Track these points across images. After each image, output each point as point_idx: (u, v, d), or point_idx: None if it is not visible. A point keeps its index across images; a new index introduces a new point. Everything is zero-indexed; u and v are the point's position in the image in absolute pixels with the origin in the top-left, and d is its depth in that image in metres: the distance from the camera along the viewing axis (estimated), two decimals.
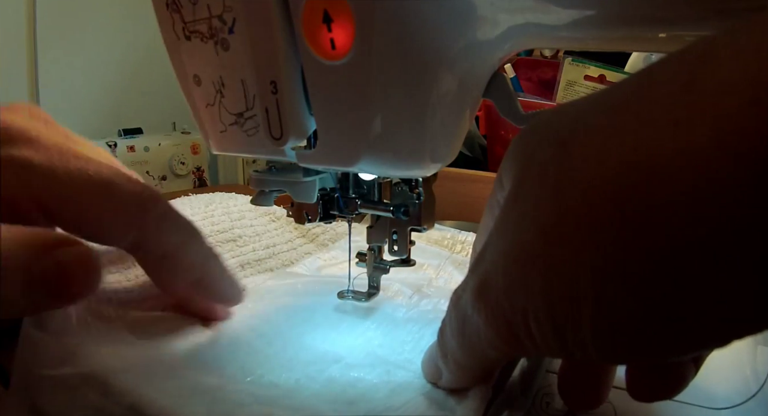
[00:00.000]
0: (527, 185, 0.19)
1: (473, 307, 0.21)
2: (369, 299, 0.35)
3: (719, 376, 0.30)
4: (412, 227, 0.32)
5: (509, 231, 0.19)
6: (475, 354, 0.23)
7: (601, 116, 0.17)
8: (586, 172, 0.16)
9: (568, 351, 0.18)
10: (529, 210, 0.18)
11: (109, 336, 0.28)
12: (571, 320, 0.17)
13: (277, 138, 0.26)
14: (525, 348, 0.19)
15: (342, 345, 0.31)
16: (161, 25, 0.29)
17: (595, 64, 0.70)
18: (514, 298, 0.19)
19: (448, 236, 0.47)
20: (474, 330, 0.21)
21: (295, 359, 0.29)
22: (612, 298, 0.16)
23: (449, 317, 0.24)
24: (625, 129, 0.16)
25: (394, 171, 0.28)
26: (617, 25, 0.24)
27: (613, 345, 0.17)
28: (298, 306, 0.35)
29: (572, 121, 0.18)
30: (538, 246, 0.17)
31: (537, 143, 0.19)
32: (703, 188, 0.14)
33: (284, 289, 0.37)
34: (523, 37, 0.26)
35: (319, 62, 0.24)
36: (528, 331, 0.18)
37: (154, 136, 1.37)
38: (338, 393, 0.26)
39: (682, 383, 0.23)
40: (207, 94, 0.28)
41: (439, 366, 0.26)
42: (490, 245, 0.21)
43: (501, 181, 0.23)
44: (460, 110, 0.27)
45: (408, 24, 0.22)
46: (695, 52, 0.15)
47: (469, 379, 0.25)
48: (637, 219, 0.15)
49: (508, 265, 0.19)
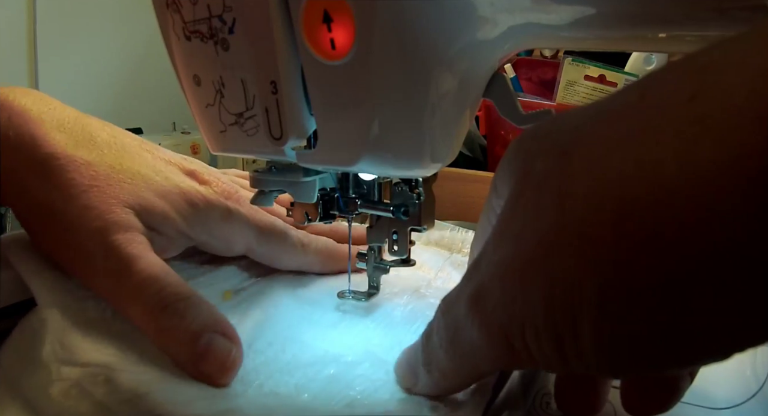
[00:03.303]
0: (527, 196, 0.19)
1: (467, 317, 0.20)
2: (369, 299, 0.35)
3: (719, 376, 0.30)
4: (412, 227, 0.32)
5: (507, 241, 0.19)
6: (465, 365, 0.22)
7: (603, 126, 0.17)
8: (588, 184, 0.16)
9: (566, 363, 0.17)
10: (529, 221, 0.18)
11: (112, 333, 0.28)
12: (572, 330, 0.17)
13: (277, 138, 0.26)
14: (520, 360, 0.19)
15: (341, 345, 0.31)
16: (161, 25, 0.29)
17: (595, 64, 0.70)
18: (512, 308, 0.18)
19: (447, 236, 0.47)
20: (466, 340, 0.21)
21: (294, 360, 0.29)
22: (614, 309, 0.16)
23: (438, 325, 0.23)
24: (627, 141, 0.16)
25: (394, 171, 0.28)
26: (617, 25, 0.24)
27: (613, 356, 0.16)
28: (298, 306, 0.35)
29: (573, 130, 0.18)
30: (538, 257, 0.17)
31: (537, 152, 0.19)
32: (705, 205, 0.14)
33: (284, 289, 0.37)
34: (523, 37, 0.26)
35: (319, 62, 0.24)
36: (524, 342, 0.18)
37: (154, 136, 1.37)
38: (338, 394, 0.26)
39: (676, 396, 0.23)
40: (207, 94, 0.28)
41: (417, 372, 0.25)
42: (486, 255, 0.20)
43: (496, 187, 0.23)
44: (460, 110, 0.27)
45: (408, 24, 0.22)
46: (698, 63, 0.15)
47: (448, 389, 0.25)
48: (639, 234, 0.15)
49: (506, 275, 0.19)
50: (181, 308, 0.28)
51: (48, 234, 0.31)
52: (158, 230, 0.32)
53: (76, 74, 1.39)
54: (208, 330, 0.27)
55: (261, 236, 0.37)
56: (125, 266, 0.29)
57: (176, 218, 0.33)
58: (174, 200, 0.33)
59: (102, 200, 0.30)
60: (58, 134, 0.32)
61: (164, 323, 0.27)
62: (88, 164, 0.31)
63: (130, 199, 0.31)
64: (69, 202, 0.30)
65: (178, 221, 0.33)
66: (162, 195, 0.33)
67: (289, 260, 0.38)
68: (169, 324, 0.27)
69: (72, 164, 0.31)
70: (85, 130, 0.33)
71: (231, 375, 0.27)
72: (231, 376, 0.27)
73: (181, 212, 0.33)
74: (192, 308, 0.28)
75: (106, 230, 0.29)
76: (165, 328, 0.27)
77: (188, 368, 0.26)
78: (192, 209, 0.34)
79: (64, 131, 0.32)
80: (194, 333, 0.27)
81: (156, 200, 0.32)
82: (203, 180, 0.37)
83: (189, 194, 0.34)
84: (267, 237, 0.37)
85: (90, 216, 0.30)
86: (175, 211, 0.33)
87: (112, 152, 0.33)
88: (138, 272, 0.29)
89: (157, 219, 0.32)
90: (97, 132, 0.34)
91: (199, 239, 0.35)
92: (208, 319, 0.28)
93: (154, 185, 0.33)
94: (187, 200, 0.34)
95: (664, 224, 0.14)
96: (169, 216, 0.33)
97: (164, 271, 0.29)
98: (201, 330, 0.27)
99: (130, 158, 0.34)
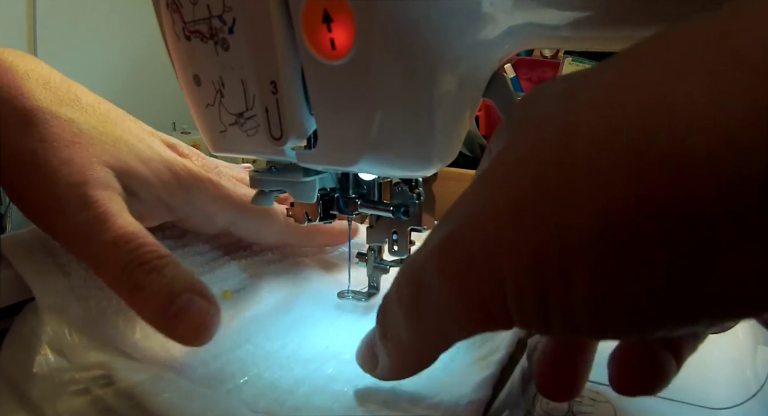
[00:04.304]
0: (521, 138, 0.17)
1: (433, 270, 0.18)
2: (369, 299, 0.35)
3: (719, 376, 0.30)
4: (412, 227, 0.32)
5: (492, 184, 0.17)
6: (428, 330, 0.19)
7: (616, 67, 0.15)
8: (598, 117, 0.14)
9: (547, 321, 0.15)
10: (524, 159, 0.16)
11: (112, 333, 0.28)
12: (562, 281, 0.15)
13: (277, 138, 0.26)
14: (494, 319, 0.17)
15: (340, 343, 0.31)
16: (161, 25, 0.29)
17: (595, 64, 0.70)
18: (491, 257, 0.16)
19: None
20: (430, 299, 0.18)
21: (294, 355, 0.29)
22: (617, 255, 0.14)
23: (397, 286, 0.20)
24: (647, 78, 0.14)
25: (394, 171, 0.28)
26: (617, 25, 0.24)
27: (605, 311, 0.15)
28: (297, 306, 0.35)
29: (581, 77, 0.17)
30: (532, 198, 0.15)
31: (540, 100, 0.17)
32: (736, 140, 0.12)
33: (285, 289, 0.37)
34: (523, 37, 0.26)
35: (319, 62, 0.24)
36: (502, 297, 0.16)
37: None
38: (337, 392, 0.26)
39: (664, 378, 0.23)
40: (207, 94, 0.28)
41: (376, 351, 0.23)
42: (463, 201, 0.18)
43: (491, 151, 0.21)
44: (460, 109, 0.27)
45: (408, 24, 0.22)
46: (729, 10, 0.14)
47: (410, 365, 0.22)
48: (658, 168, 0.13)
49: (488, 220, 0.16)
50: (159, 265, 0.27)
51: (26, 185, 0.31)
52: (138, 194, 0.32)
53: (75, 74, 1.38)
54: (186, 290, 0.27)
55: (241, 208, 0.36)
56: (101, 221, 0.28)
57: (156, 183, 0.33)
58: (155, 167, 0.33)
59: (83, 156, 0.30)
60: (44, 91, 0.32)
61: (140, 279, 0.27)
62: (71, 121, 0.32)
63: (112, 160, 0.31)
64: (50, 154, 0.30)
65: (158, 186, 0.33)
66: (143, 161, 0.33)
67: (270, 233, 0.38)
68: (146, 281, 0.26)
69: (55, 120, 0.31)
70: (70, 90, 0.34)
71: (207, 336, 0.26)
72: (206, 337, 0.26)
73: (162, 179, 0.33)
74: (170, 266, 0.27)
75: (84, 184, 0.29)
76: (141, 285, 0.26)
77: (162, 326, 0.26)
78: (173, 178, 0.34)
79: (49, 90, 0.33)
80: (172, 291, 0.26)
81: (138, 165, 0.32)
82: (183, 153, 0.37)
83: (171, 163, 0.34)
84: (247, 209, 0.37)
85: (70, 170, 0.30)
86: (156, 177, 0.33)
87: (96, 115, 0.33)
88: (116, 228, 0.28)
89: (137, 183, 0.32)
90: (81, 95, 0.34)
91: (180, 210, 0.35)
92: (186, 279, 0.27)
93: (136, 151, 0.33)
94: (168, 168, 0.34)
95: (690, 156, 0.13)
96: (150, 181, 0.33)
97: (142, 230, 0.29)
98: (180, 289, 0.26)
99: (113, 123, 0.34)
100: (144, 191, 0.33)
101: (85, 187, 0.29)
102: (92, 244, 0.28)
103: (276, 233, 0.39)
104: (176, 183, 0.34)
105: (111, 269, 0.28)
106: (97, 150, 0.31)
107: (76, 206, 0.29)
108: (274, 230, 0.38)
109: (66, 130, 0.31)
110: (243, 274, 0.39)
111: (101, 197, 0.29)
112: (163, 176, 0.33)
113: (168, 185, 0.34)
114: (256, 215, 0.37)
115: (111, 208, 0.29)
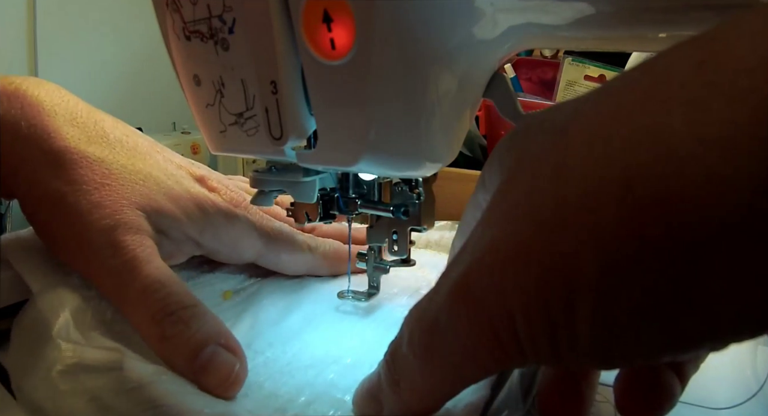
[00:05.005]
0: (520, 176, 0.18)
1: (450, 312, 0.19)
2: (369, 299, 0.35)
3: (719, 376, 0.30)
4: (412, 227, 0.32)
5: (498, 224, 0.18)
6: (444, 372, 0.20)
7: (603, 101, 0.16)
8: (587, 155, 0.15)
9: (557, 353, 0.16)
10: (523, 200, 0.17)
11: (114, 333, 0.28)
12: (567, 314, 0.15)
13: (277, 138, 0.26)
14: (508, 354, 0.17)
15: (341, 346, 0.31)
16: (161, 25, 0.29)
17: (595, 64, 0.70)
18: (502, 295, 0.17)
19: (447, 236, 0.47)
20: (446, 342, 0.19)
21: (295, 360, 0.29)
22: (616, 287, 0.14)
23: (409, 334, 0.21)
24: (630, 111, 0.15)
25: (394, 171, 0.28)
26: (617, 25, 0.24)
27: (610, 341, 0.15)
28: (297, 306, 0.35)
29: (572, 112, 0.17)
30: (533, 238, 0.16)
31: (532, 135, 0.18)
32: (718, 170, 0.13)
33: (284, 289, 0.37)
34: (523, 37, 0.26)
35: (319, 62, 0.24)
36: (514, 332, 0.17)
37: (154, 136, 1.35)
38: (338, 400, 0.26)
39: (670, 399, 0.22)
40: (207, 94, 0.28)
41: (381, 398, 0.23)
42: (471, 244, 0.19)
43: (484, 181, 0.22)
44: (460, 110, 0.27)
45: (408, 24, 0.22)
46: (706, 36, 0.14)
47: (425, 408, 0.22)
48: (647, 202, 0.14)
49: (496, 259, 0.17)
50: (185, 316, 0.27)
51: (55, 227, 0.31)
52: (167, 233, 0.32)
53: (76, 74, 1.39)
54: (211, 341, 0.27)
55: (269, 242, 0.37)
56: (131, 268, 0.29)
57: (186, 221, 0.33)
58: (184, 205, 0.33)
59: (113, 199, 0.30)
60: (71, 128, 0.32)
61: (168, 330, 0.27)
62: (101, 161, 0.31)
63: (142, 201, 0.31)
64: (80, 197, 0.30)
65: (187, 225, 0.33)
66: (173, 199, 0.33)
67: (298, 265, 0.38)
68: (172, 332, 0.27)
69: (84, 160, 0.31)
70: (98, 126, 0.33)
71: (235, 389, 0.26)
72: (234, 390, 0.26)
73: (191, 217, 0.33)
74: (197, 317, 0.28)
75: (115, 229, 0.29)
76: (168, 336, 0.27)
77: (192, 379, 0.26)
78: (202, 214, 0.34)
79: (76, 126, 0.32)
80: (197, 344, 0.27)
81: (166, 203, 0.32)
82: (212, 187, 0.37)
83: (199, 200, 0.34)
84: (275, 243, 0.37)
85: (100, 214, 0.30)
86: (185, 215, 0.33)
87: (125, 150, 0.33)
88: (145, 276, 0.28)
89: (167, 222, 0.32)
90: (109, 129, 0.34)
91: (209, 246, 0.35)
92: (212, 330, 0.27)
93: (165, 189, 0.33)
94: (197, 205, 0.34)
95: (675, 191, 0.13)
96: (179, 219, 0.33)
97: (171, 278, 0.29)
98: (205, 341, 0.27)
99: (142, 158, 0.34)
100: (173, 230, 0.33)
101: (115, 232, 0.29)
102: (122, 292, 0.29)
103: (304, 265, 0.38)
104: (205, 220, 0.34)
105: (140, 317, 0.28)
106: (127, 191, 0.31)
107: (107, 251, 0.29)
108: (302, 261, 0.38)
109: (95, 171, 0.31)
110: (243, 274, 0.39)
111: (131, 242, 0.29)
112: (192, 214, 0.33)
113: (197, 223, 0.33)
114: (283, 248, 0.37)
115: (140, 254, 0.29)
